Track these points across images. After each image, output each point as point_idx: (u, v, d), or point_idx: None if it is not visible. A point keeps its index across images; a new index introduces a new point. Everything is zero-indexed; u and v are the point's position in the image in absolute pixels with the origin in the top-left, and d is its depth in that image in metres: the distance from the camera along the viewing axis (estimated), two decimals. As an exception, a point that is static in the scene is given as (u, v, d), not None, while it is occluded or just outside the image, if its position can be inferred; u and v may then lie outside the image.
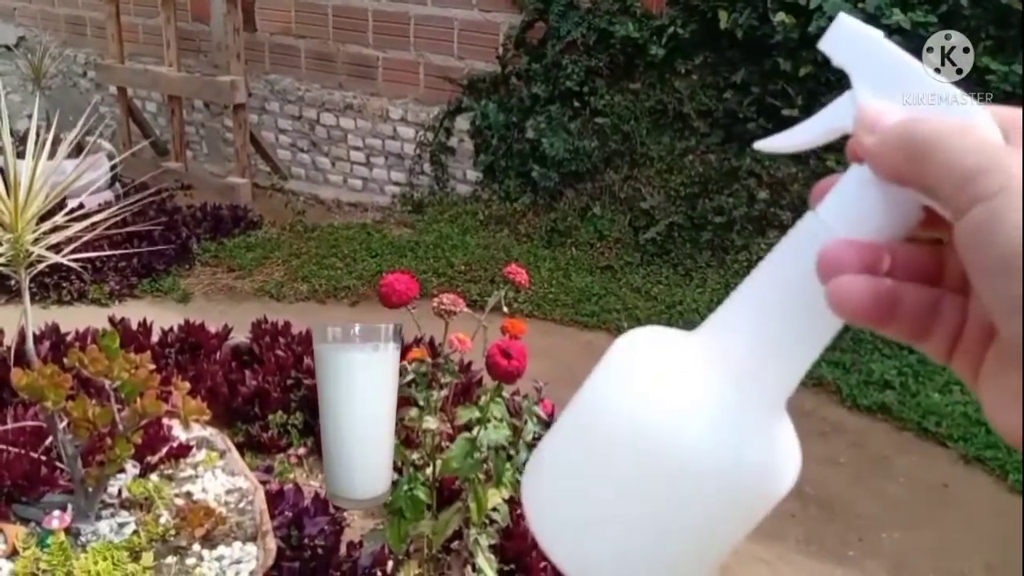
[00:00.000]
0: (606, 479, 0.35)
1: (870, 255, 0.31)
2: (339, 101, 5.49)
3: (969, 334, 0.32)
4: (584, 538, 0.35)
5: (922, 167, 0.29)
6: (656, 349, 0.36)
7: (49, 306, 3.88)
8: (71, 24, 6.79)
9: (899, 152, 0.30)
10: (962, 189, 0.28)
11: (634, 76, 4.54)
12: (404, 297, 1.64)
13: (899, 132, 0.30)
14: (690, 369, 0.34)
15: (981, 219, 0.27)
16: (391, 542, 1.78)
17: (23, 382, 1.76)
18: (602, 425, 0.35)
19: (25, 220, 1.91)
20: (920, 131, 0.29)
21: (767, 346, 0.34)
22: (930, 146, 0.29)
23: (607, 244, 4.50)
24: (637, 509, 0.34)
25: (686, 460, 0.33)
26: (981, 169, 0.27)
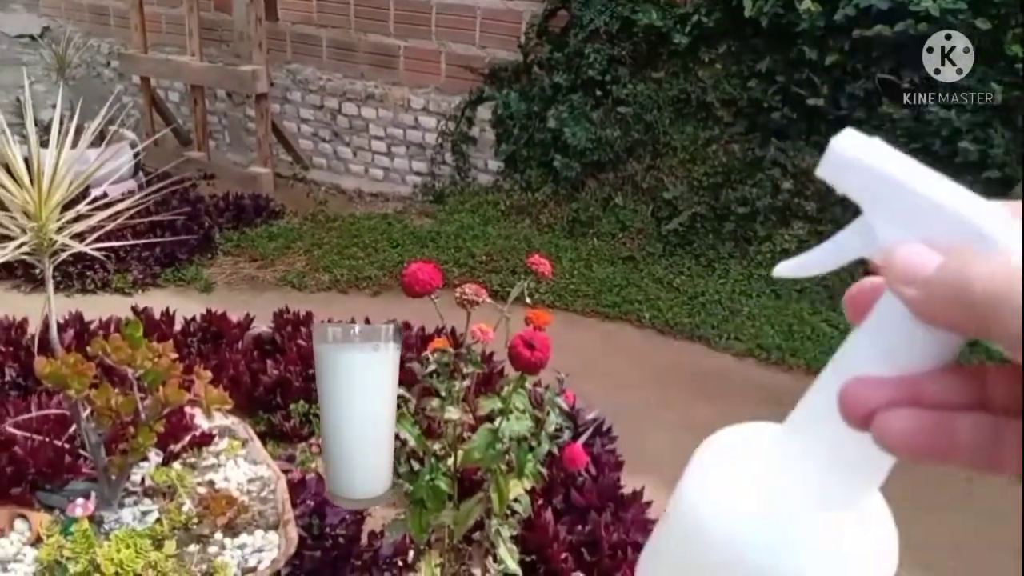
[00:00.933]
0: None
1: (898, 390, 0.30)
2: (360, 91, 5.48)
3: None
4: None
5: (989, 327, 0.28)
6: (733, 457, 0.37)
7: (73, 295, 3.90)
8: (95, 14, 6.82)
9: (955, 309, 0.29)
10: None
11: (657, 65, 4.49)
12: (427, 287, 1.63)
13: (951, 287, 0.29)
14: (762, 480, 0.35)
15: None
16: (413, 532, 1.77)
17: (46, 370, 1.77)
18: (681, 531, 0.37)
19: (48, 209, 1.91)
20: (978, 289, 0.28)
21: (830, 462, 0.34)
22: (995, 304, 0.27)
23: (629, 235, 4.47)
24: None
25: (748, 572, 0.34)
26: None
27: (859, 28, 3.79)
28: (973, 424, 0.30)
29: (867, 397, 0.31)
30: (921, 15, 3.59)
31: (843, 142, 0.33)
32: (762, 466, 0.36)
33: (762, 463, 0.36)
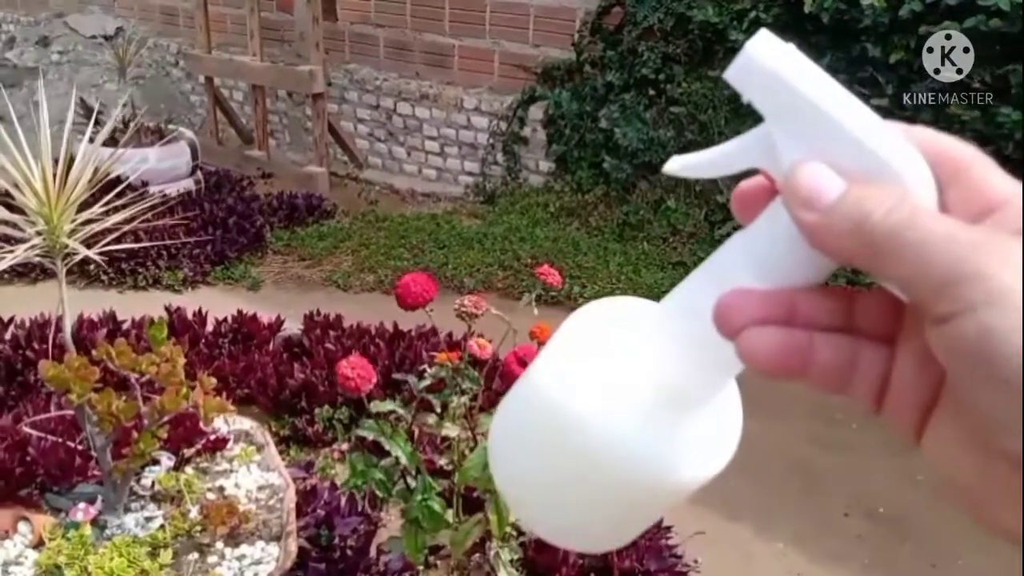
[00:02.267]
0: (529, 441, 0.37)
1: (773, 307, 0.30)
2: (415, 90, 5.46)
3: (900, 388, 0.31)
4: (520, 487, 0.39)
5: (885, 262, 0.28)
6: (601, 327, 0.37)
7: (125, 291, 3.97)
8: (165, 14, 6.99)
9: (852, 240, 0.28)
10: (941, 294, 0.26)
11: (713, 63, 4.34)
12: (420, 299, 1.57)
13: (851, 220, 0.28)
14: (616, 353, 0.35)
15: (974, 333, 0.26)
16: (408, 552, 1.71)
17: (50, 373, 1.77)
18: (529, 395, 0.37)
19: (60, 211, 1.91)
20: (878, 224, 0.28)
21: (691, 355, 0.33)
22: (894, 243, 0.27)
23: (680, 239, 4.33)
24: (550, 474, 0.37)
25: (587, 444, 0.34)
26: (964, 275, 0.26)
27: (926, 24, 3.57)
28: (832, 346, 0.31)
29: (741, 311, 0.30)
30: (992, 10, 3.36)
31: (758, 47, 0.31)
32: (627, 342, 0.35)
33: (628, 340, 0.35)
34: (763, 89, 0.31)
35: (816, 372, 0.31)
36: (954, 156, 0.30)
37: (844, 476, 2.88)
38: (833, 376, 0.31)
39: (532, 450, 0.37)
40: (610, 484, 0.35)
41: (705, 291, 0.32)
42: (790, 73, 0.30)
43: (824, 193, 0.29)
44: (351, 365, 1.46)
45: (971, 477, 0.29)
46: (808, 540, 2.59)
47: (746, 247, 0.32)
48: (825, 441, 3.04)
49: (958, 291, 0.26)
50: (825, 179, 0.29)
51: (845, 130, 0.29)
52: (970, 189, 0.29)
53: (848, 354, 0.31)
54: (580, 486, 0.36)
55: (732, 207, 0.34)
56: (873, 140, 0.29)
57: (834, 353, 0.31)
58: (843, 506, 2.77)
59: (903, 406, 0.31)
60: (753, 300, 0.30)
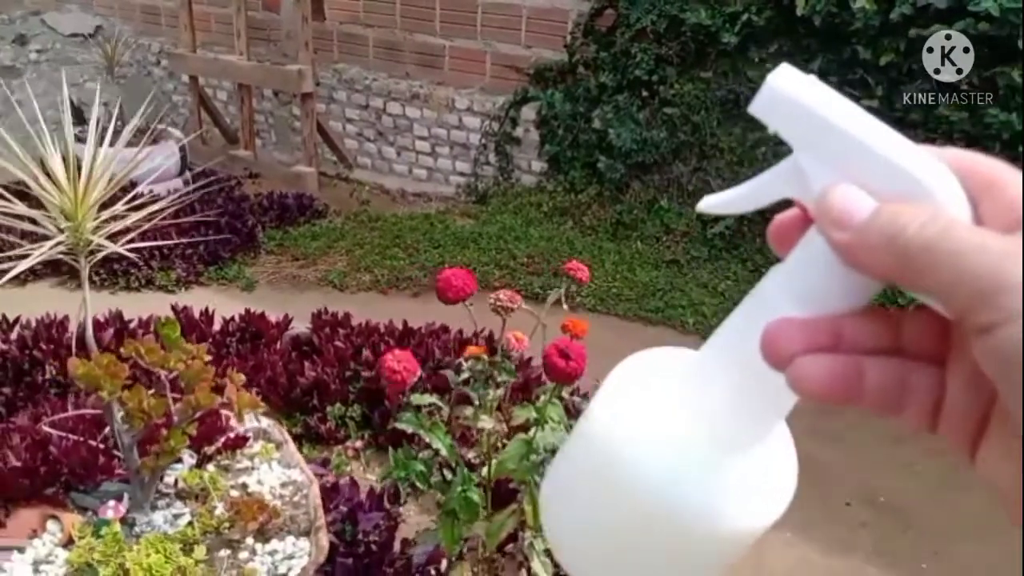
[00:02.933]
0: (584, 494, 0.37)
1: (818, 334, 0.31)
2: (405, 90, 5.47)
3: (952, 408, 0.31)
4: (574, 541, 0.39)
5: (922, 275, 0.28)
6: (644, 381, 0.37)
7: (117, 292, 3.94)
8: (146, 13, 6.92)
9: (888, 256, 0.29)
10: (980, 305, 0.26)
11: (705, 65, 4.40)
12: (461, 293, 1.59)
13: (885, 235, 0.29)
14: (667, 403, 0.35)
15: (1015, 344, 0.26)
16: (445, 543, 1.73)
17: (80, 371, 1.76)
18: (584, 446, 0.37)
19: (85, 208, 1.91)
20: (913, 238, 0.28)
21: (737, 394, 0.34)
22: (929, 255, 0.28)
23: (674, 238, 4.38)
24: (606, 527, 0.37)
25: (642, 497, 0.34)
26: (1002, 285, 0.26)
27: (916, 27, 3.66)
28: (882, 370, 0.31)
29: (788, 341, 0.30)
30: (981, 15, 3.45)
31: (780, 79, 0.31)
32: (674, 391, 0.35)
33: (674, 388, 0.35)
34: (788, 119, 0.31)
35: (867, 396, 0.31)
36: (984, 171, 0.30)
37: (844, 467, 2.93)
38: (885, 399, 0.31)
39: (588, 503, 0.37)
40: (667, 534, 0.34)
41: (748, 329, 0.32)
42: (814, 101, 0.31)
43: (856, 212, 0.29)
44: (397, 359, 1.48)
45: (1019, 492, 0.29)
46: (814, 529, 2.65)
47: (785, 279, 0.32)
48: (824, 434, 3.10)
49: (998, 301, 0.26)
50: (856, 198, 0.30)
51: (873, 151, 0.30)
52: (1002, 203, 0.29)
53: (898, 376, 0.31)
54: (637, 538, 0.36)
55: (769, 240, 0.34)
56: (902, 160, 0.29)
57: (884, 376, 0.31)
58: (845, 496, 2.82)
59: (956, 425, 0.31)
60: (799, 328, 0.31)
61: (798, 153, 0.32)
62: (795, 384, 0.30)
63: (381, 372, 1.50)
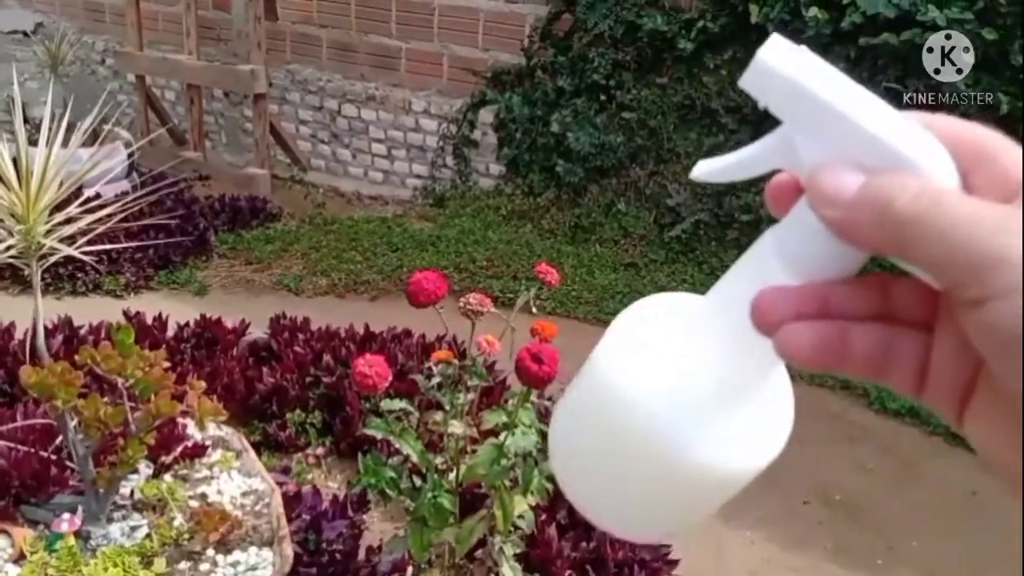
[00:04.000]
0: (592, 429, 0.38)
1: (806, 302, 0.31)
2: (361, 92, 5.41)
3: (939, 373, 0.31)
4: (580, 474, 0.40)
5: (913, 248, 0.28)
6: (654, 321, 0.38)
7: (63, 297, 3.83)
8: (90, 10, 6.74)
9: (878, 230, 0.29)
10: (971, 279, 0.26)
11: (662, 70, 4.43)
12: (432, 296, 1.56)
13: (875, 209, 0.29)
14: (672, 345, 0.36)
15: (1008, 317, 0.26)
16: (413, 550, 1.70)
17: (32, 380, 1.69)
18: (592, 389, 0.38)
19: (37, 211, 1.84)
20: (901, 211, 0.28)
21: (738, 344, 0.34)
22: (919, 228, 0.27)
23: (632, 241, 4.41)
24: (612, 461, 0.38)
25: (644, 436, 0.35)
26: (994, 259, 0.26)
27: (865, 36, 3.73)
28: (868, 336, 0.31)
29: (777, 308, 0.31)
30: (928, 24, 3.53)
31: (770, 52, 0.31)
32: (677, 335, 0.36)
33: (678, 332, 0.36)
34: (778, 94, 0.31)
35: (853, 362, 0.31)
36: (975, 141, 0.30)
37: (801, 466, 2.97)
38: (871, 364, 0.31)
39: (595, 437, 0.38)
40: (668, 472, 0.35)
41: (744, 283, 0.33)
42: (803, 76, 0.31)
43: (845, 188, 0.29)
44: (368, 363, 1.45)
45: (1011, 457, 0.29)
46: (773, 527, 2.68)
47: (778, 243, 0.33)
48: (782, 435, 3.13)
49: (990, 276, 0.26)
50: (844, 175, 0.30)
51: (861, 127, 0.30)
52: (994, 173, 0.29)
53: (884, 342, 0.31)
54: (640, 472, 0.36)
55: (766, 200, 0.34)
56: (890, 134, 0.29)
57: (870, 342, 0.31)
58: (802, 495, 2.86)
59: (943, 390, 0.31)
60: (787, 297, 0.31)
61: (788, 128, 0.32)
62: (782, 350, 0.31)
63: (353, 377, 1.47)
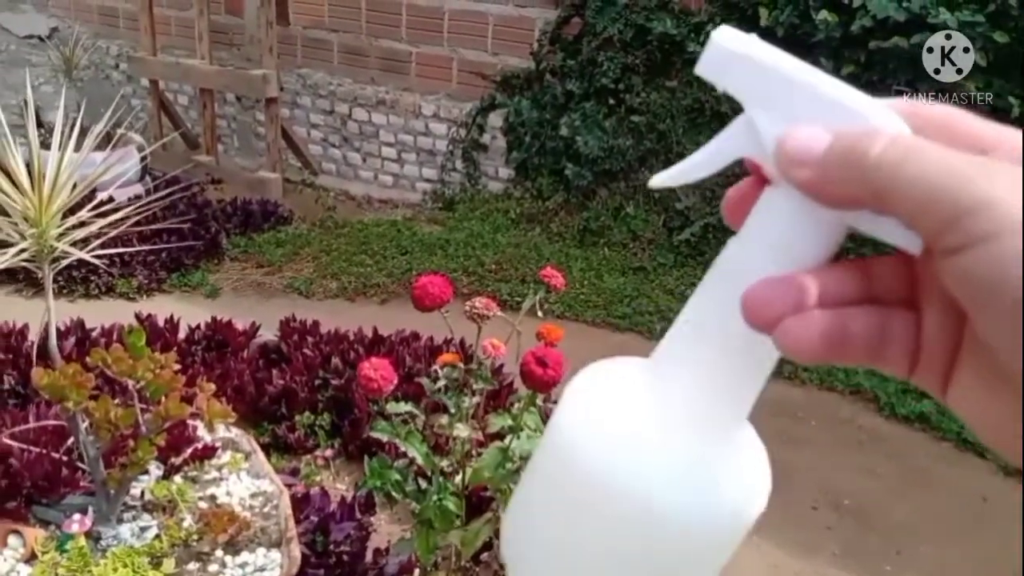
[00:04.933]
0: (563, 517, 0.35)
1: (799, 291, 0.30)
2: (371, 96, 5.44)
3: (930, 350, 0.31)
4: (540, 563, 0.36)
5: (888, 199, 0.27)
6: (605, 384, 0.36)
7: (76, 299, 3.86)
8: (104, 15, 6.80)
9: (852, 184, 0.28)
10: (952, 226, 0.26)
11: (671, 74, 4.44)
12: (437, 300, 1.57)
13: (846, 162, 0.28)
14: (637, 408, 0.34)
15: (984, 264, 0.25)
16: (419, 553, 1.71)
17: (44, 381, 1.71)
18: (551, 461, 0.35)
19: (50, 214, 1.86)
20: (876, 161, 0.27)
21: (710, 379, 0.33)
22: (895, 178, 0.27)
23: (640, 244, 4.41)
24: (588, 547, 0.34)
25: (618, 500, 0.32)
26: (969, 206, 0.26)
27: (876, 40, 3.73)
28: (864, 320, 0.30)
29: (773, 301, 0.29)
30: (939, 27, 3.52)
31: (723, 36, 0.31)
32: (638, 390, 0.34)
33: (638, 387, 0.34)
34: (736, 74, 0.31)
35: (852, 350, 0.30)
36: (935, 114, 0.30)
37: (809, 471, 2.97)
38: (868, 349, 0.31)
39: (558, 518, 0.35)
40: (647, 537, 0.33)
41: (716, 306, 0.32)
42: (759, 53, 0.31)
43: (813, 147, 0.29)
44: (373, 366, 1.46)
45: (997, 417, 0.29)
46: (781, 533, 2.67)
47: (749, 246, 0.32)
48: (788, 438, 3.13)
49: (968, 222, 0.26)
50: (810, 134, 0.29)
51: (822, 93, 0.29)
52: (959, 140, 0.29)
53: (879, 324, 0.30)
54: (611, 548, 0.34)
55: (724, 214, 0.34)
56: (853, 101, 0.29)
57: (866, 326, 0.30)
58: (811, 500, 2.86)
59: (932, 365, 0.31)
60: (779, 287, 0.30)
61: (749, 109, 0.31)
62: (785, 347, 0.30)
63: (358, 380, 1.49)
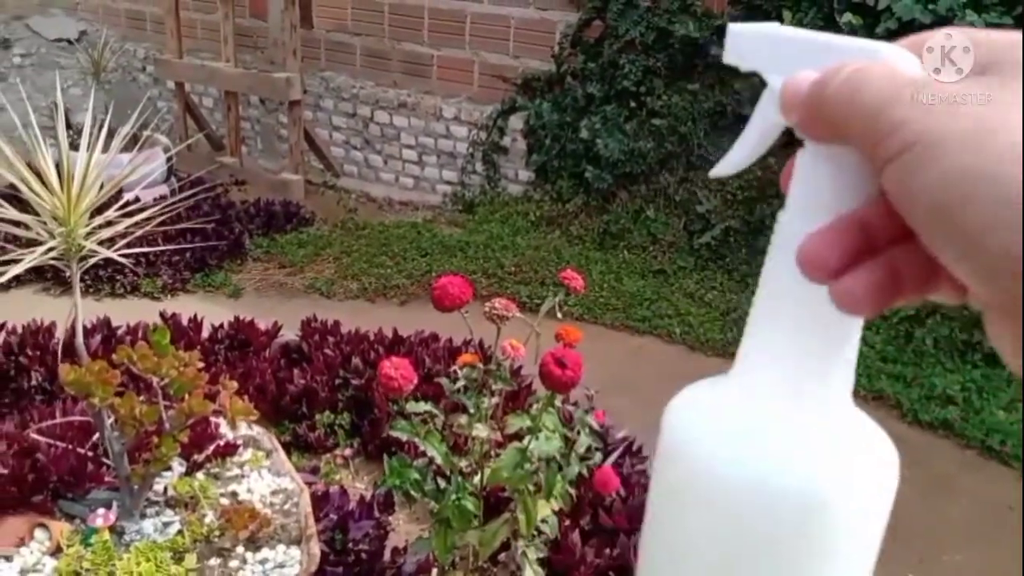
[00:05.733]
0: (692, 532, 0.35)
1: (846, 236, 0.30)
2: (393, 99, 5.47)
3: None
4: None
5: (843, 129, 0.29)
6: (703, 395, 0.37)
7: (103, 298, 3.91)
8: (131, 19, 6.89)
9: (823, 121, 0.30)
10: (887, 141, 0.27)
11: (693, 76, 4.43)
12: (457, 301, 1.59)
13: (815, 99, 0.30)
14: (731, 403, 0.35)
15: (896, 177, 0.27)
16: (437, 552, 1.72)
17: (70, 377, 1.74)
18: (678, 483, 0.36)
19: (78, 214, 1.90)
20: (832, 95, 0.29)
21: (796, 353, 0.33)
22: (847, 104, 0.28)
23: (660, 248, 4.41)
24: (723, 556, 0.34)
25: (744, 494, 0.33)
26: (892, 126, 0.27)
27: (901, 42, 3.71)
28: (911, 258, 0.30)
29: (826, 251, 0.30)
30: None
31: (738, 26, 0.34)
32: (728, 391, 0.35)
33: (728, 388, 0.36)
34: (755, 51, 0.34)
35: (906, 290, 0.31)
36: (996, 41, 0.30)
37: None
38: (921, 285, 0.31)
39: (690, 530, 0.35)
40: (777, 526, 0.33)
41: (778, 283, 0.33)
42: (773, 28, 0.33)
43: (800, 88, 0.30)
44: (394, 365, 1.48)
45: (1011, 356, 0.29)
46: (801, 539, 2.66)
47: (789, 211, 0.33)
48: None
49: (886, 142, 0.27)
50: (798, 78, 0.31)
51: (834, 45, 0.31)
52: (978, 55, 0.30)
53: (927, 257, 0.30)
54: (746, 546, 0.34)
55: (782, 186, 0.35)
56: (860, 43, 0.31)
57: (915, 263, 0.30)
58: (831, 506, 2.84)
59: None
60: (828, 234, 0.30)
61: (768, 77, 0.33)
62: (843, 304, 0.30)
63: (379, 379, 1.50)
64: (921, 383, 3.44)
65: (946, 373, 3.49)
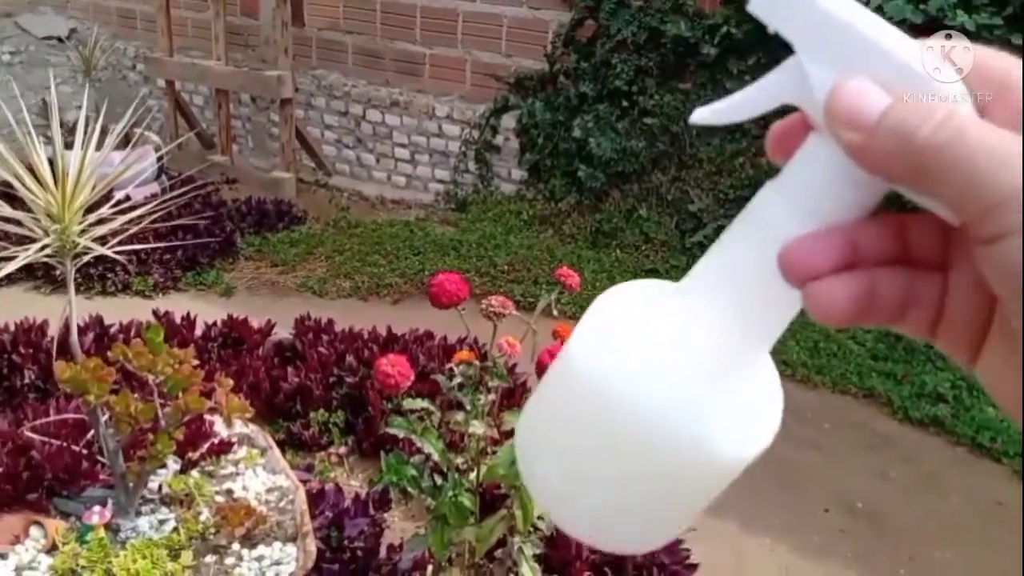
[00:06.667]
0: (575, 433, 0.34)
1: (836, 249, 0.29)
2: (385, 97, 5.47)
3: (954, 314, 0.30)
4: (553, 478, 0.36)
5: (932, 182, 0.27)
6: (632, 307, 0.35)
7: (93, 296, 3.90)
8: (122, 17, 6.86)
9: (898, 160, 0.27)
10: (990, 215, 0.26)
11: (685, 76, 4.45)
12: (454, 298, 1.59)
13: (897, 137, 0.27)
14: (659, 331, 0.33)
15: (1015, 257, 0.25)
16: (434, 548, 1.73)
17: (66, 375, 1.74)
18: (566, 376, 0.34)
19: (72, 211, 1.89)
20: (925, 141, 0.26)
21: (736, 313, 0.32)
22: (940, 160, 0.26)
23: (653, 246, 4.42)
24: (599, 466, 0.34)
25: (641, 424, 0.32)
26: (1008, 196, 0.25)
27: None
28: (891, 282, 0.30)
29: (810, 260, 0.29)
30: (956, 30, 3.52)
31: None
32: (658, 320, 0.33)
33: (658, 317, 0.33)
34: (789, 14, 0.29)
35: (878, 311, 0.30)
36: (995, 68, 0.29)
37: (822, 474, 2.97)
38: (892, 311, 0.30)
39: (570, 434, 0.35)
40: (659, 465, 0.32)
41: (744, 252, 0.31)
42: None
43: (868, 110, 0.27)
44: (390, 362, 1.48)
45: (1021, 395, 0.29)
46: (793, 535, 2.67)
47: (786, 193, 0.30)
48: (799, 439, 3.13)
49: (998, 213, 0.25)
50: (868, 95, 0.28)
51: (880, 47, 0.28)
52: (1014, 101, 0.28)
53: (905, 286, 0.30)
54: (621, 467, 0.33)
55: (767, 146, 0.33)
56: (909, 56, 0.28)
57: (893, 288, 0.30)
58: (823, 502, 2.86)
59: (958, 331, 0.31)
60: (818, 243, 0.29)
61: (800, 53, 0.29)
62: (814, 311, 0.29)
63: (375, 376, 1.51)
64: (912, 381, 3.46)
65: (936, 371, 3.51)
